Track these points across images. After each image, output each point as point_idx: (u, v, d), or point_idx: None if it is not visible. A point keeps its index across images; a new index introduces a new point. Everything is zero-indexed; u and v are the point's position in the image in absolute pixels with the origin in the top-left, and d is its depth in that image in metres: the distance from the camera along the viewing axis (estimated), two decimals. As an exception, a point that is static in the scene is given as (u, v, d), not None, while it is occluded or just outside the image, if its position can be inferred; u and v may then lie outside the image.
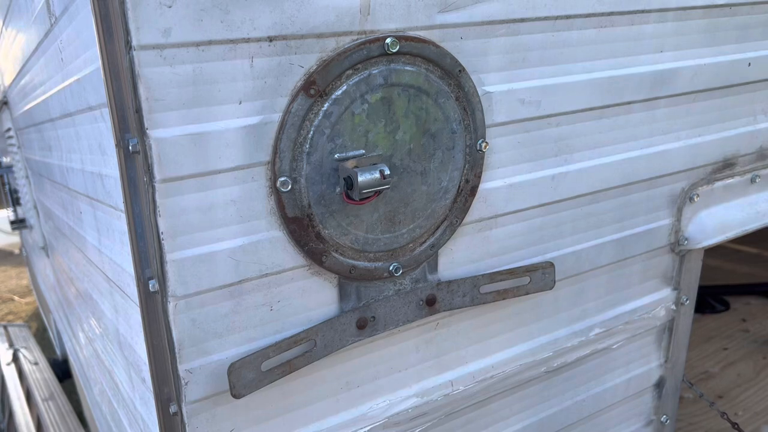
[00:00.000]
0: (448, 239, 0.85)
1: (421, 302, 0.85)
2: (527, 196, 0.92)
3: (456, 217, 0.85)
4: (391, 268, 0.80)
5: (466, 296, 0.89)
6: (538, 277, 0.93)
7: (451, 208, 0.84)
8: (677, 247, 1.15)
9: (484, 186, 0.86)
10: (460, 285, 0.88)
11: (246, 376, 0.72)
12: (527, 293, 0.94)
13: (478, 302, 0.90)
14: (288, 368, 0.75)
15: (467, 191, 0.84)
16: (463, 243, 0.87)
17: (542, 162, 0.92)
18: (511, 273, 0.92)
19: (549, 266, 0.94)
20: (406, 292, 0.84)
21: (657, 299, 1.18)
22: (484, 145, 0.80)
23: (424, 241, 0.83)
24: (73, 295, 1.82)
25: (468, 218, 0.87)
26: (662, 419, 1.31)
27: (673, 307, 1.20)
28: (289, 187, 0.69)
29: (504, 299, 0.92)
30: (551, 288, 0.95)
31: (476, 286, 0.89)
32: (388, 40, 0.69)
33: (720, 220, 1.16)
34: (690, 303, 1.22)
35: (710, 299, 2.35)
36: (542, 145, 0.91)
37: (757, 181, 1.22)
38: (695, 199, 1.13)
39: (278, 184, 0.68)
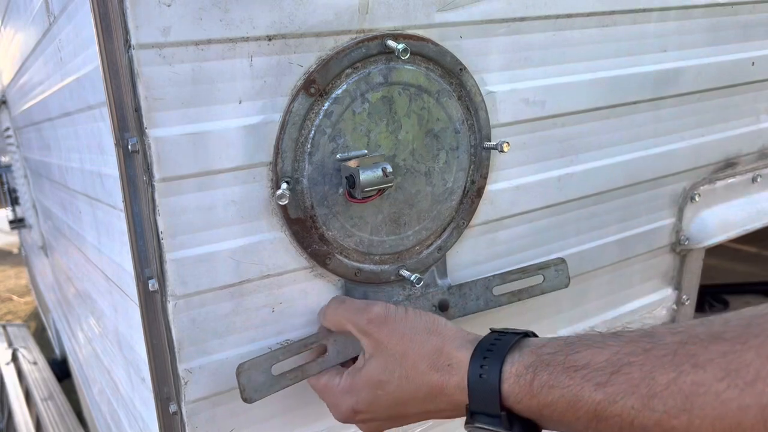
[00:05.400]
0: (455, 242, 0.84)
1: (434, 308, 0.83)
2: (533, 197, 0.91)
3: (462, 218, 0.84)
4: (413, 278, 0.77)
5: (480, 299, 0.86)
6: (551, 275, 0.90)
7: (458, 210, 0.83)
8: (678, 246, 1.15)
9: (490, 187, 0.86)
10: (472, 288, 0.85)
11: (256, 379, 0.70)
12: (542, 292, 0.90)
13: (492, 305, 0.87)
14: (300, 374, 0.73)
15: (473, 192, 0.83)
16: (468, 245, 0.86)
17: (548, 163, 0.91)
18: (523, 271, 0.89)
19: (561, 262, 0.91)
20: (417, 297, 0.82)
21: (658, 299, 1.18)
22: (505, 145, 0.76)
23: (431, 244, 0.82)
24: (72, 294, 1.81)
25: (474, 220, 0.86)
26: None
27: (674, 306, 1.20)
28: (292, 187, 0.68)
29: (519, 300, 0.88)
30: (566, 286, 0.91)
31: (488, 288, 0.86)
32: (386, 39, 0.69)
33: (721, 219, 1.16)
34: (691, 303, 1.21)
35: (709, 298, 2.34)
36: (548, 146, 0.90)
37: (758, 180, 1.22)
38: (696, 199, 1.12)
39: (280, 184, 0.67)
